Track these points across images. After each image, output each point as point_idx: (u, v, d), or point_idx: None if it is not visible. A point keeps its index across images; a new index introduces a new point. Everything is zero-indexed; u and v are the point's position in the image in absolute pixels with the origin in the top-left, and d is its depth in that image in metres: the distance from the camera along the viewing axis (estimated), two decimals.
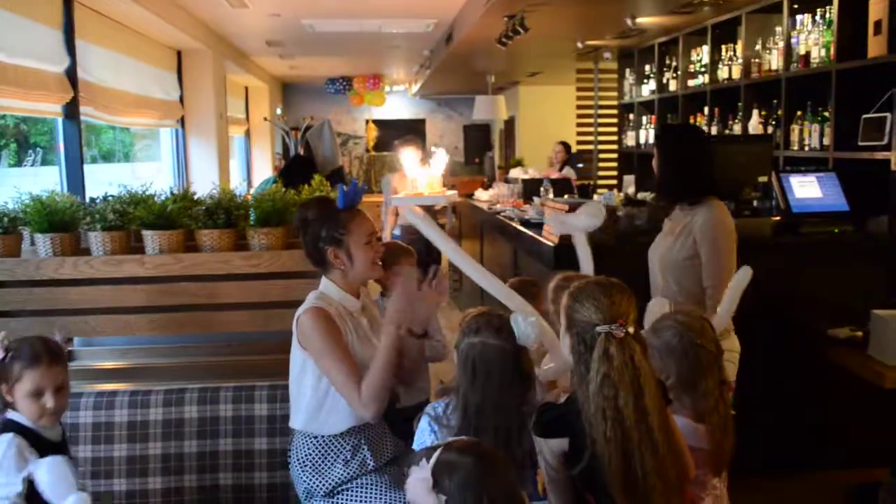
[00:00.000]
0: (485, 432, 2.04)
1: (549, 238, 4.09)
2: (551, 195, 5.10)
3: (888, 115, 3.98)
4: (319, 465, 2.31)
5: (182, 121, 6.92)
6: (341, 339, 2.25)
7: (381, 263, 2.44)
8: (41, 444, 1.99)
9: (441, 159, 4.48)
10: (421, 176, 4.26)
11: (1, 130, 7.66)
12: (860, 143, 4.19)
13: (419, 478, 1.56)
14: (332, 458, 2.31)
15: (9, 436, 1.96)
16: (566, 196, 5.13)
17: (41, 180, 5.53)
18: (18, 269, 2.79)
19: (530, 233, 4.41)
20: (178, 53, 6.85)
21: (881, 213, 3.97)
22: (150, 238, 2.80)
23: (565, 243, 3.67)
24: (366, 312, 2.44)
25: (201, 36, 6.63)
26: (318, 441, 2.31)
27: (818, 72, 4.54)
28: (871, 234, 3.96)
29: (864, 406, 3.51)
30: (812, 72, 4.62)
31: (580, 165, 8.67)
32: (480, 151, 12.09)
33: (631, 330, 1.80)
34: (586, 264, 2.82)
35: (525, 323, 2.06)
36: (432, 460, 1.57)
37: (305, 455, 2.33)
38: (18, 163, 8.60)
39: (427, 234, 2.28)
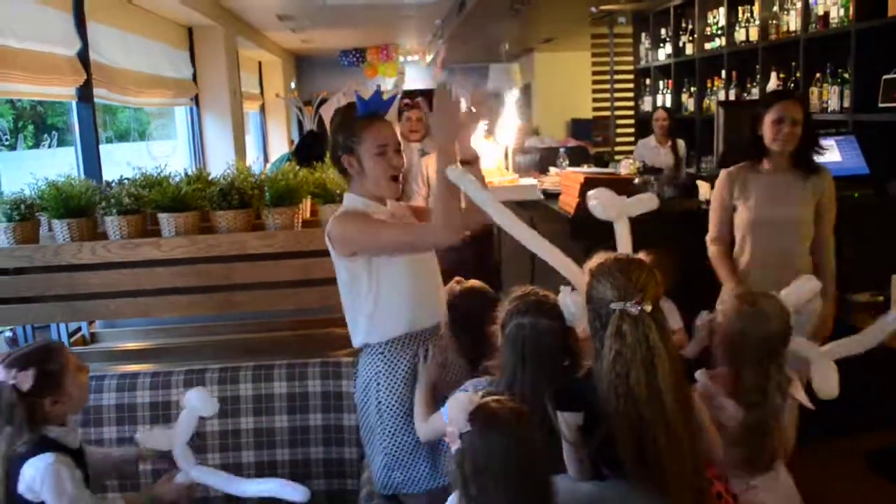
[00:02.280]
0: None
1: (566, 209, 4.08)
2: (567, 165, 5.07)
3: None
4: (387, 373, 2.26)
5: (196, 98, 6.91)
6: (376, 218, 2.23)
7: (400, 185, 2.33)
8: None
9: (511, 129, 3.71)
10: (487, 152, 3.56)
11: (18, 113, 7.70)
12: (881, 105, 4.11)
13: (466, 398, 1.64)
14: (397, 359, 2.27)
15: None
16: (584, 166, 5.09)
17: (58, 162, 5.56)
18: (37, 255, 2.82)
19: (548, 204, 4.39)
20: (189, 31, 6.83)
21: None
22: (166, 221, 2.82)
23: (583, 214, 3.64)
24: (396, 219, 2.34)
25: (212, 12, 6.59)
26: (383, 349, 2.27)
27: (837, 32, 4.46)
28: (891, 197, 3.90)
29: (885, 371, 3.48)
30: (831, 32, 4.53)
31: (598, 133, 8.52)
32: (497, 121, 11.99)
33: (648, 308, 1.78)
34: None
35: (573, 303, 2.05)
36: (481, 394, 1.67)
37: (375, 372, 2.28)
38: (36, 145, 8.67)
39: (476, 199, 2.16)
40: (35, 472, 1.94)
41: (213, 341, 3.03)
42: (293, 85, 11.64)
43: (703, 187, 4.02)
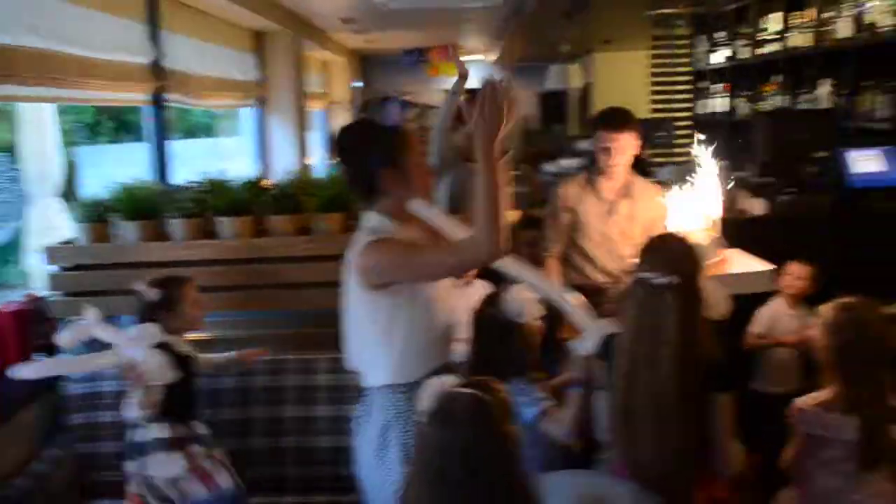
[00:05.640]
0: None
1: None
2: None
3: None
4: (410, 414, 2.07)
5: (262, 99, 7.22)
6: (409, 243, 2.08)
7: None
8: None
9: (716, 192, 2.86)
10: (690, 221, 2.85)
11: (97, 109, 8.12)
12: None
13: (439, 382, 1.63)
14: (418, 398, 1.99)
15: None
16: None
17: (135, 157, 5.91)
18: (109, 253, 3.12)
19: None
20: (258, 35, 7.14)
21: None
22: (224, 224, 3.08)
23: None
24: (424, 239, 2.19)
25: (279, 17, 6.88)
26: (407, 388, 2.10)
27: (887, 40, 4.45)
28: None
29: None
30: (881, 40, 4.52)
31: (660, 135, 8.33)
32: (558, 120, 12.05)
33: (672, 281, 1.91)
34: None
35: (512, 298, 2.26)
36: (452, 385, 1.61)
37: (396, 413, 2.12)
38: (116, 140, 9.16)
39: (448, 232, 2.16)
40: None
41: (262, 335, 3.27)
42: (357, 84, 11.93)
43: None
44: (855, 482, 2.17)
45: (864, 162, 4.09)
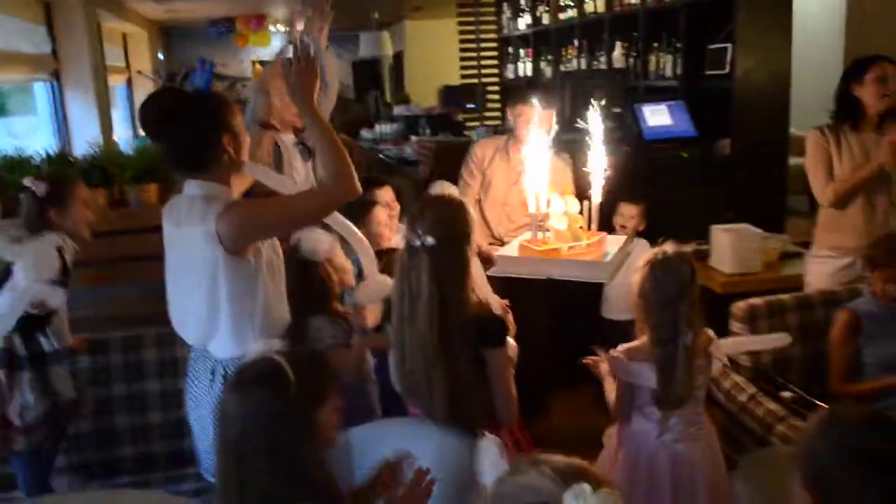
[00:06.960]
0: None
1: (424, 175, 4.32)
2: (428, 133, 5.30)
3: (729, 45, 4.34)
4: None
5: (56, 74, 6.73)
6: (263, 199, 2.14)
7: None
8: None
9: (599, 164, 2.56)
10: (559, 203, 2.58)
11: None
12: (706, 73, 4.54)
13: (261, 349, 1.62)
14: None
15: None
16: (441, 136, 5.33)
17: None
18: None
19: (406, 171, 4.62)
20: (47, 5, 6.63)
21: (724, 137, 4.35)
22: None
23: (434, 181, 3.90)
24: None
25: None
26: None
27: (670, 5, 4.85)
28: (714, 156, 4.35)
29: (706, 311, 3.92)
30: (665, 5, 4.93)
31: (471, 106, 8.50)
32: (372, 88, 12.09)
33: (428, 241, 1.97)
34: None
35: (305, 238, 2.32)
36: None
37: None
38: None
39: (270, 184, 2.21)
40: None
41: (84, 316, 3.12)
42: (161, 56, 11.36)
43: None
44: (660, 425, 2.32)
45: (655, 116, 4.46)
